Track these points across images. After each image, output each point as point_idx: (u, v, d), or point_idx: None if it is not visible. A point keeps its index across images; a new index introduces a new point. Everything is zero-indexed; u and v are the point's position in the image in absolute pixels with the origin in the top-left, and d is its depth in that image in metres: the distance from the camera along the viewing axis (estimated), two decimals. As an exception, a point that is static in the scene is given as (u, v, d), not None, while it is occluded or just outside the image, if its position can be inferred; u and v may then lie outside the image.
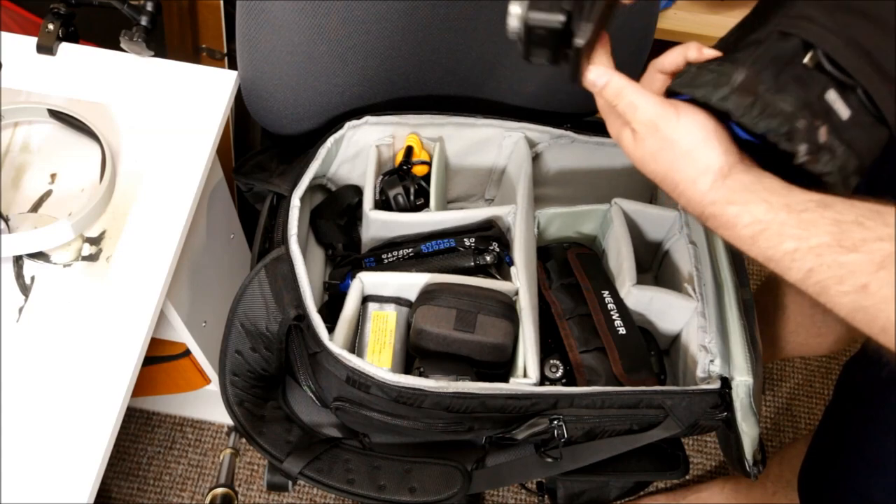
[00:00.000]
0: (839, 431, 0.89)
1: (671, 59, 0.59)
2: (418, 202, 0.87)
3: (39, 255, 0.72)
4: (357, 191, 0.91)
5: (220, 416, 1.35)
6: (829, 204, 0.49)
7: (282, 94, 0.84)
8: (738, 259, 0.86)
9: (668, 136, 0.55)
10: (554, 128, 0.90)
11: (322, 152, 0.84)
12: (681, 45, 0.59)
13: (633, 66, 0.94)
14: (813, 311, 1.08)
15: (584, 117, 1.00)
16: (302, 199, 0.80)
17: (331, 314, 0.78)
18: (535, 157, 0.92)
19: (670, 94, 0.58)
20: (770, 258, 0.51)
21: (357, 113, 0.86)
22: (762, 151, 0.55)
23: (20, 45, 0.83)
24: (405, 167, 0.87)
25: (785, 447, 1.15)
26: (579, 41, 0.52)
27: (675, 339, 0.86)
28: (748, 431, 0.77)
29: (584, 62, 0.55)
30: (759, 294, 1.15)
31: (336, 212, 0.90)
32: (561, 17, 0.50)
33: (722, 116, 0.55)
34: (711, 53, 0.57)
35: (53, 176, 0.77)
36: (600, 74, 0.57)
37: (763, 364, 0.77)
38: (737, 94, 0.53)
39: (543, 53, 0.54)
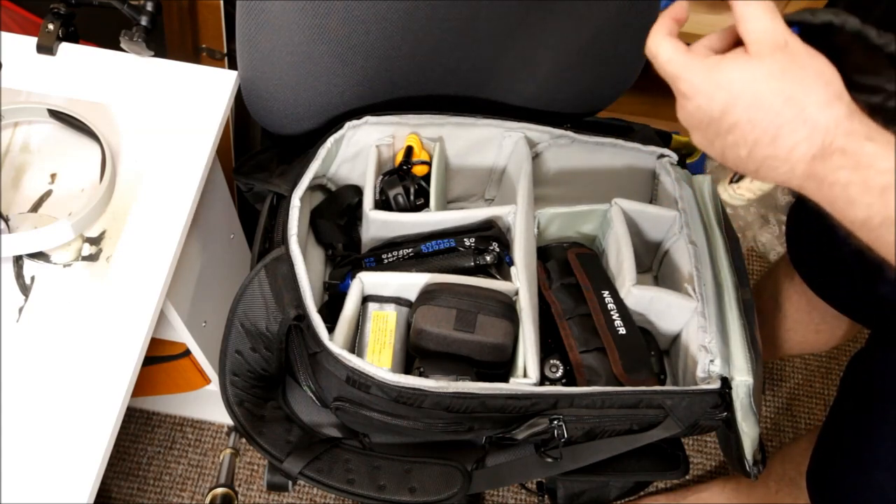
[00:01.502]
0: (846, 427, 0.88)
1: (679, 9, 0.52)
2: (418, 202, 0.87)
3: (39, 255, 0.72)
4: (357, 191, 0.91)
5: (220, 416, 1.35)
6: None
7: (282, 94, 0.84)
8: (738, 259, 0.86)
9: (799, 55, 0.46)
10: (554, 128, 0.90)
11: (322, 152, 0.84)
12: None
13: (633, 66, 0.94)
14: (810, 307, 1.08)
15: (584, 117, 1.00)
16: (302, 199, 0.80)
17: (331, 314, 0.78)
18: (535, 157, 0.92)
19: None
20: (889, 219, 0.43)
21: (357, 113, 0.86)
22: None
23: (20, 45, 0.83)
24: (405, 167, 0.87)
25: (787, 445, 1.15)
26: None
27: (675, 339, 0.86)
28: (748, 431, 0.77)
29: None
30: (755, 293, 1.16)
31: (336, 212, 0.90)
32: None
33: None
34: None
35: (53, 176, 0.77)
36: None
37: (763, 364, 0.77)
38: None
39: None
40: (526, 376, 0.74)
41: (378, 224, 0.85)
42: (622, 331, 0.80)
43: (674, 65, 0.48)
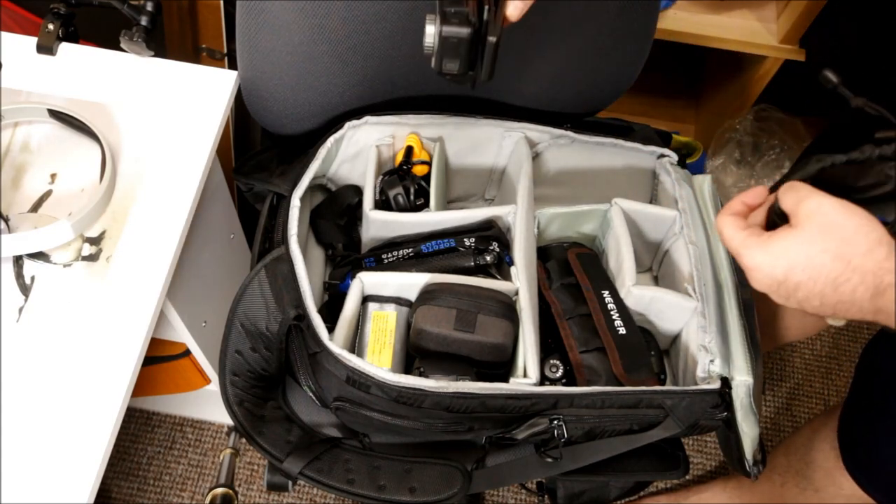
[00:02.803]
0: (874, 387, 0.91)
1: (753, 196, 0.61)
2: (418, 202, 0.87)
3: (39, 255, 0.72)
4: (357, 191, 0.91)
5: (220, 416, 1.35)
6: None
7: (282, 94, 0.84)
8: (741, 274, 0.86)
9: (832, 214, 0.54)
10: (554, 128, 0.90)
11: (322, 152, 0.84)
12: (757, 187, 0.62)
13: (633, 66, 0.94)
14: None
15: (584, 117, 1.00)
16: (302, 199, 0.80)
17: (331, 314, 0.78)
18: (535, 157, 0.92)
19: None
20: None
21: (357, 113, 0.86)
22: None
23: (20, 45, 0.83)
24: (405, 167, 0.87)
25: (788, 437, 1.15)
26: (492, 39, 0.60)
27: (675, 339, 0.86)
28: (748, 431, 0.77)
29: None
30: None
31: (336, 212, 0.90)
32: (468, 29, 0.60)
33: None
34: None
35: (53, 176, 0.77)
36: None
37: (763, 364, 0.77)
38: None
39: (455, 63, 0.62)
40: (526, 376, 0.74)
41: (378, 224, 0.85)
42: (622, 331, 0.80)
43: (735, 242, 0.58)
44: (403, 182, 0.86)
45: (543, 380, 0.78)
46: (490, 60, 0.61)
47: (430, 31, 0.61)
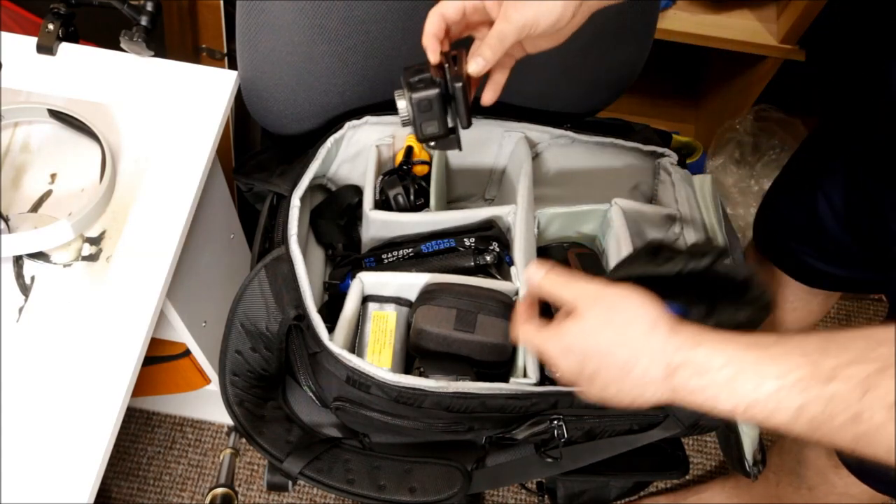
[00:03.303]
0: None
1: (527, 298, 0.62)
2: (418, 202, 0.87)
3: (39, 255, 0.72)
4: (357, 191, 0.91)
5: (220, 416, 1.35)
6: (785, 338, 0.48)
7: (282, 94, 0.84)
8: (738, 258, 0.86)
9: (613, 298, 0.54)
10: (554, 128, 0.90)
11: (322, 152, 0.84)
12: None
13: (633, 66, 0.94)
14: (781, 287, 1.10)
15: (584, 117, 1.00)
16: (302, 199, 0.80)
17: (331, 314, 0.78)
18: (535, 157, 0.92)
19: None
20: (751, 403, 0.48)
21: (357, 113, 0.86)
22: None
23: (20, 45, 0.83)
24: (405, 167, 0.87)
25: (782, 437, 1.15)
26: (458, 85, 0.64)
27: (675, 339, 0.86)
28: (748, 431, 0.77)
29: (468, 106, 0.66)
30: None
31: (336, 212, 0.90)
32: (436, 89, 0.65)
33: None
34: None
35: (53, 176, 0.77)
36: (535, 270, 0.59)
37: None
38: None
39: (433, 123, 0.66)
40: (526, 376, 0.74)
41: (378, 224, 0.85)
42: (622, 331, 0.80)
43: (536, 341, 0.58)
44: (403, 182, 0.86)
45: (543, 380, 0.78)
46: (464, 107, 0.65)
47: (402, 105, 0.66)
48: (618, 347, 0.52)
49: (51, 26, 0.82)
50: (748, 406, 0.48)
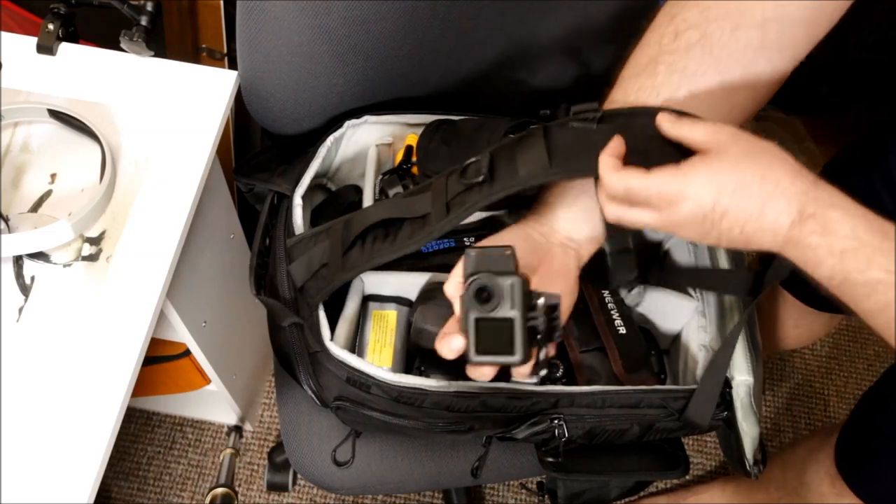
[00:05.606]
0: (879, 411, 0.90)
1: (616, 145, 0.58)
2: (418, 202, 0.87)
3: (39, 255, 0.72)
4: (357, 190, 0.91)
5: (220, 416, 1.35)
6: None
7: (282, 94, 0.84)
8: (738, 259, 0.86)
9: (752, 140, 0.53)
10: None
11: (322, 151, 0.84)
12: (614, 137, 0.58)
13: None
14: (785, 305, 1.09)
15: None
16: (303, 199, 0.80)
17: (331, 314, 0.78)
18: (535, 157, 0.92)
19: None
20: (850, 280, 0.49)
21: (357, 113, 0.86)
22: None
23: (20, 45, 0.83)
24: (405, 167, 0.87)
25: (785, 451, 1.15)
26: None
27: (676, 338, 0.86)
28: (748, 431, 0.77)
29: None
30: None
31: (337, 211, 0.90)
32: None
33: None
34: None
35: (53, 176, 0.77)
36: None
37: (763, 364, 0.77)
38: None
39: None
40: (526, 376, 0.74)
41: (378, 224, 0.85)
42: (622, 330, 0.80)
43: (651, 184, 0.54)
44: (403, 182, 0.86)
45: (544, 379, 0.78)
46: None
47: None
48: (760, 182, 0.51)
49: (51, 26, 0.82)
50: (843, 281, 0.49)
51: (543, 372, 0.60)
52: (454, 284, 0.61)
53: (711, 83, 0.59)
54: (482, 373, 0.62)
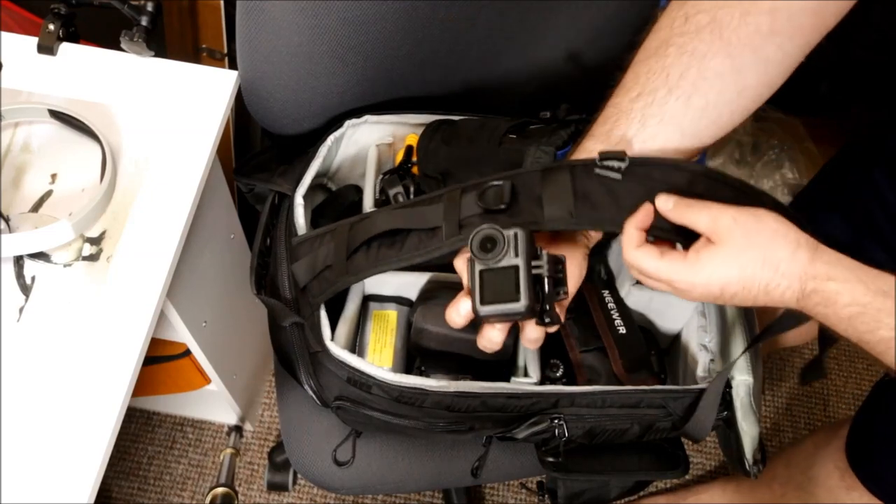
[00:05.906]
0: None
1: (643, 218, 0.60)
2: (418, 202, 0.87)
3: (40, 255, 0.72)
4: (358, 190, 0.91)
5: (220, 416, 1.35)
6: None
7: (282, 94, 0.84)
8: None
9: (749, 223, 0.56)
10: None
11: (323, 150, 0.84)
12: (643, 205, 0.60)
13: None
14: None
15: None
16: (304, 198, 0.80)
17: (331, 314, 0.78)
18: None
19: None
20: (864, 341, 0.54)
21: (357, 113, 0.86)
22: None
23: (21, 45, 0.83)
24: (405, 166, 0.87)
25: (789, 448, 1.15)
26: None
27: (676, 338, 0.86)
28: (748, 430, 0.77)
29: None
30: None
31: (337, 211, 0.90)
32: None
33: None
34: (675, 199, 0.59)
35: (54, 176, 0.77)
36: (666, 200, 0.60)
37: (763, 363, 0.78)
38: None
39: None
40: (527, 375, 0.74)
41: (378, 224, 0.84)
42: (622, 330, 0.80)
43: (663, 272, 0.58)
44: (403, 181, 0.86)
45: (544, 379, 0.78)
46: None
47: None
48: (761, 269, 0.55)
49: (51, 26, 0.82)
50: (858, 340, 0.54)
51: (552, 329, 0.61)
52: (463, 259, 0.62)
53: (721, 66, 0.61)
54: (490, 338, 0.63)
